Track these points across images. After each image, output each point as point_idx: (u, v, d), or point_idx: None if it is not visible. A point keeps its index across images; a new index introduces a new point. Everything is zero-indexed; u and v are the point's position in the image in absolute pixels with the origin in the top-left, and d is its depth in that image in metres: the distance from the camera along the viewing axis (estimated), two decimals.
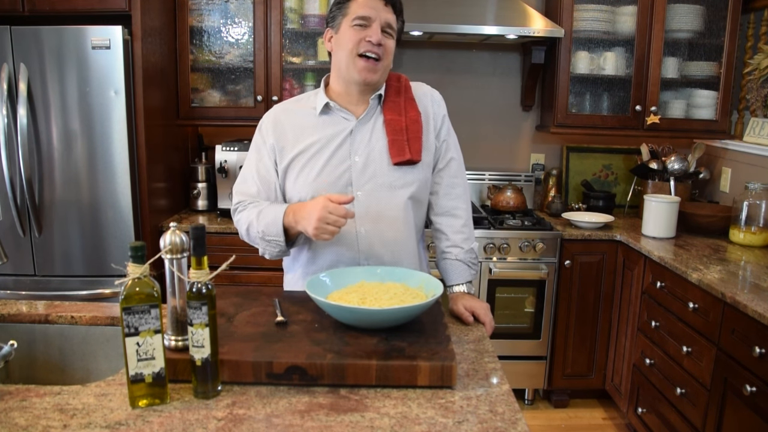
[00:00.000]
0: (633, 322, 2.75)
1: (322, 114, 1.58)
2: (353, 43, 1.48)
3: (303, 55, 3.10)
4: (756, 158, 2.91)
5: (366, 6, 1.48)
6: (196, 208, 3.15)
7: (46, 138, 2.55)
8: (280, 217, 1.48)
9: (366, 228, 1.56)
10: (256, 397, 1.14)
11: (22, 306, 1.59)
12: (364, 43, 1.48)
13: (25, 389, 1.17)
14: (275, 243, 1.52)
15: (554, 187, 3.37)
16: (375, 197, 1.55)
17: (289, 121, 1.60)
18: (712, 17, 3.10)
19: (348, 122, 1.57)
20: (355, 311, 1.28)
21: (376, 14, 1.48)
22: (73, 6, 2.54)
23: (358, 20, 1.48)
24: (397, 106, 1.58)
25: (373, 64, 1.49)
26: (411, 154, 1.54)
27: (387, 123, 1.56)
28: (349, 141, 1.56)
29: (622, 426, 2.94)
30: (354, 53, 1.49)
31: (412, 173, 1.57)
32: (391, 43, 1.53)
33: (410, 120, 1.57)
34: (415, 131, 1.57)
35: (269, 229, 1.50)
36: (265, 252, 1.58)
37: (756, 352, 1.86)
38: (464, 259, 1.65)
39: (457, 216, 1.67)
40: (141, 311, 1.07)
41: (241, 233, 1.62)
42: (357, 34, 1.48)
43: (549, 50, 3.15)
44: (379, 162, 1.55)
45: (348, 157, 1.55)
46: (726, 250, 2.62)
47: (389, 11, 1.50)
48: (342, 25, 1.51)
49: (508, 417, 1.10)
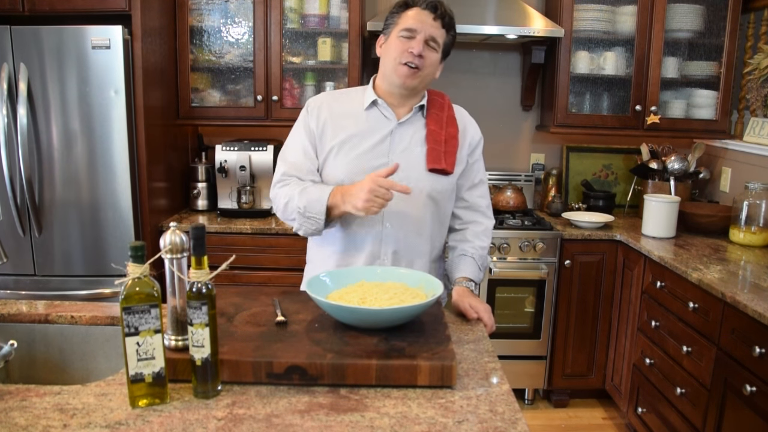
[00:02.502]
0: (633, 322, 2.76)
1: (367, 109, 1.66)
2: (397, 53, 1.57)
3: (303, 55, 3.10)
4: (756, 158, 2.91)
5: (414, 19, 1.57)
6: (196, 208, 3.15)
7: (46, 138, 2.55)
8: (325, 196, 1.54)
9: (392, 224, 1.64)
10: (256, 397, 1.14)
11: (22, 306, 1.59)
12: (406, 54, 1.56)
13: (25, 389, 1.16)
14: (314, 220, 1.56)
15: (554, 187, 3.37)
16: (404, 199, 1.60)
17: (334, 109, 1.68)
18: (712, 17, 3.10)
19: (389, 122, 1.66)
20: (355, 311, 1.28)
21: (422, 27, 1.56)
22: (73, 6, 2.54)
23: (404, 31, 1.57)
24: (439, 119, 1.68)
25: (413, 72, 1.57)
26: (446, 165, 1.64)
27: (429, 132, 1.65)
28: (388, 140, 1.64)
29: (622, 426, 2.94)
30: (397, 62, 1.58)
31: (441, 183, 1.66)
32: (434, 56, 1.60)
33: (449, 135, 1.67)
34: (453, 146, 1.67)
35: (312, 206, 1.55)
36: (301, 228, 1.61)
37: (756, 352, 1.86)
38: (477, 257, 1.72)
39: (480, 224, 1.79)
40: (141, 311, 1.07)
41: (277, 206, 1.66)
42: (402, 44, 1.57)
43: (549, 50, 3.15)
44: (414, 167, 1.63)
45: (385, 155, 1.63)
46: (726, 250, 2.62)
47: (437, 26, 1.58)
48: (392, 33, 1.61)
49: (508, 417, 1.10)
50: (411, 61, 1.56)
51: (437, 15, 1.58)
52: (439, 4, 1.59)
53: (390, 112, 1.66)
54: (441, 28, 1.60)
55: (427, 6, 1.58)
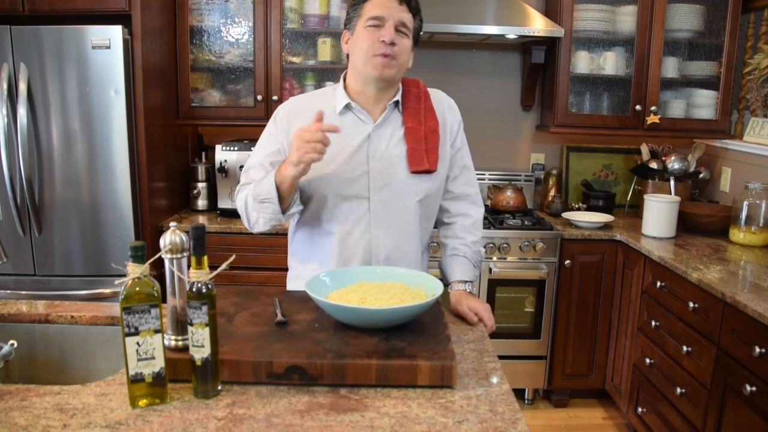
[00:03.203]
0: (633, 322, 2.75)
1: (341, 113, 1.58)
2: (368, 44, 1.49)
3: (303, 55, 3.10)
4: (756, 158, 2.91)
5: (379, 5, 1.49)
6: (196, 208, 3.15)
7: (46, 138, 2.55)
8: (272, 176, 1.47)
9: (379, 232, 1.59)
10: (256, 397, 1.14)
11: (22, 306, 1.59)
12: (378, 44, 1.48)
13: (25, 389, 1.16)
14: (268, 202, 1.48)
15: (554, 187, 3.37)
16: (389, 203, 1.58)
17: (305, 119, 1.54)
18: (712, 17, 3.10)
19: (365, 125, 1.58)
20: (355, 311, 1.28)
21: (389, 13, 1.49)
22: (73, 6, 2.54)
23: (371, 20, 1.49)
24: (417, 113, 1.59)
25: (388, 61, 1.49)
26: (429, 164, 1.57)
27: (407, 131, 1.57)
28: (366, 145, 1.56)
29: (622, 426, 2.94)
30: (369, 53, 1.50)
31: (426, 182, 1.60)
32: (407, 41, 1.53)
33: (429, 129, 1.59)
34: (434, 141, 1.59)
35: (262, 189, 1.48)
36: (259, 219, 1.53)
37: (756, 352, 1.86)
38: (471, 257, 1.68)
39: (469, 216, 1.72)
40: (141, 311, 1.07)
41: (241, 211, 1.59)
42: (371, 34, 1.49)
43: (549, 50, 3.15)
44: (396, 169, 1.57)
45: (365, 162, 1.56)
46: (726, 250, 2.62)
47: (404, 10, 1.51)
48: (357, 26, 1.52)
49: (508, 417, 1.10)
50: (384, 52, 1.48)
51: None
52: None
53: (365, 114, 1.58)
54: (408, 12, 1.52)
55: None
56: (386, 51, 1.48)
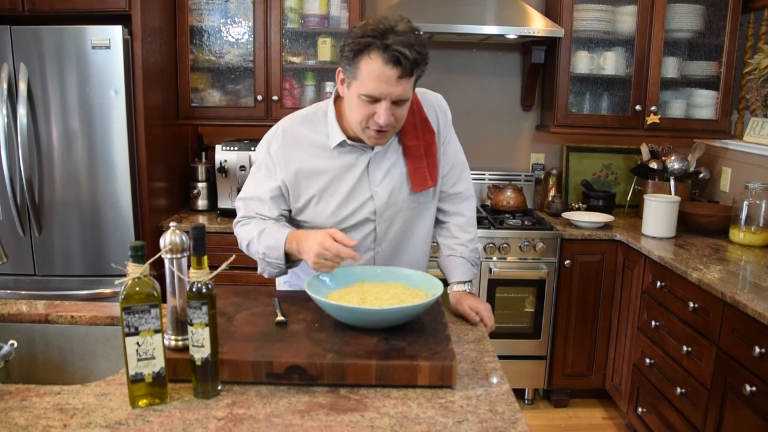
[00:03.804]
0: (633, 322, 2.75)
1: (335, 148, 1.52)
2: (361, 117, 1.39)
3: (303, 55, 3.10)
4: (756, 158, 2.91)
5: (376, 80, 1.32)
6: (196, 208, 3.15)
7: (46, 138, 2.55)
8: (281, 243, 1.46)
9: (383, 248, 1.60)
10: (256, 397, 1.14)
11: (22, 306, 1.59)
12: (372, 121, 1.38)
13: (25, 389, 1.17)
14: (275, 265, 1.50)
15: (554, 187, 3.37)
16: (394, 222, 1.58)
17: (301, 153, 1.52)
18: (712, 17, 3.10)
19: (363, 154, 1.53)
20: (355, 311, 1.28)
21: (386, 91, 1.33)
22: (72, 6, 2.54)
23: (365, 96, 1.35)
24: (414, 129, 1.53)
25: (383, 134, 1.42)
26: (432, 182, 1.56)
27: (407, 150, 1.53)
28: (367, 173, 1.53)
29: (622, 426, 2.94)
30: (363, 126, 1.41)
31: (427, 194, 1.60)
32: (404, 108, 1.41)
33: (427, 143, 1.55)
34: (433, 155, 1.56)
35: (270, 252, 1.48)
36: (264, 271, 1.55)
37: (756, 352, 1.86)
38: (469, 257, 1.68)
39: (462, 215, 1.70)
40: (141, 311, 1.07)
41: (241, 246, 1.60)
42: (366, 109, 1.37)
43: (549, 50, 3.15)
44: (399, 190, 1.55)
45: (367, 189, 1.53)
46: (726, 250, 2.62)
47: (403, 82, 1.34)
48: (352, 86, 1.38)
49: (508, 417, 1.10)
50: (378, 129, 1.39)
51: (403, 70, 1.31)
52: (402, 52, 1.29)
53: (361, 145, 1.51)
54: (407, 81, 1.34)
55: (390, 59, 1.30)
56: (380, 128, 1.39)
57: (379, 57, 1.31)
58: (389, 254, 1.62)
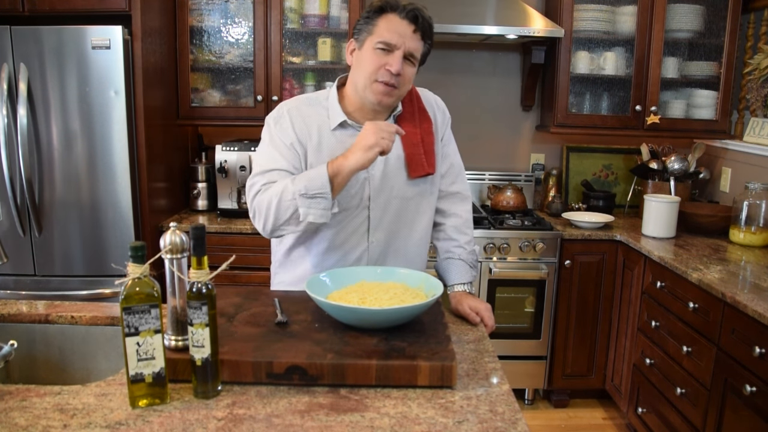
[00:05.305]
0: (633, 322, 2.75)
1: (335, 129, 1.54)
2: (373, 68, 1.45)
3: (303, 55, 3.10)
4: (756, 158, 2.91)
5: (393, 31, 1.44)
6: (196, 208, 3.15)
7: (46, 138, 2.55)
8: (324, 169, 1.40)
9: (377, 238, 1.59)
10: (256, 397, 1.14)
11: (22, 306, 1.59)
12: (383, 71, 1.44)
13: (25, 389, 1.16)
14: (321, 197, 1.39)
15: (554, 187, 3.37)
16: (388, 209, 1.57)
17: (307, 123, 1.54)
18: (712, 17, 3.10)
19: None
20: (355, 311, 1.28)
21: (401, 41, 1.44)
22: (73, 6, 2.54)
23: (381, 44, 1.44)
24: (411, 117, 1.58)
25: (390, 90, 1.47)
26: (428, 168, 1.57)
27: (404, 136, 1.55)
28: None
29: (622, 426, 2.94)
30: (372, 78, 1.46)
31: (424, 184, 1.61)
32: (412, 71, 1.49)
33: (424, 132, 1.59)
34: (430, 143, 1.59)
35: (312, 183, 1.39)
36: (309, 214, 1.41)
37: (756, 352, 1.86)
38: (467, 259, 1.68)
39: (459, 217, 1.71)
40: (141, 311, 1.07)
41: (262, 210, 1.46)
42: (378, 59, 1.45)
43: (549, 50, 3.15)
44: (395, 175, 1.57)
45: (365, 170, 1.52)
46: (726, 250, 2.62)
47: (416, 38, 1.46)
48: (366, 43, 1.47)
49: (508, 417, 1.10)
50: (388, 80, 1.45)
51: (417, 26, 1.45)
52: (419, 12, 1.45)
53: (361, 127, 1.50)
54: (420, 39, 1.47)
55: (407, 15, 1.44)
56: (390, 80, 1.45)
57: (396, 15, 1.45)
58: (383, 245, 1.60)
